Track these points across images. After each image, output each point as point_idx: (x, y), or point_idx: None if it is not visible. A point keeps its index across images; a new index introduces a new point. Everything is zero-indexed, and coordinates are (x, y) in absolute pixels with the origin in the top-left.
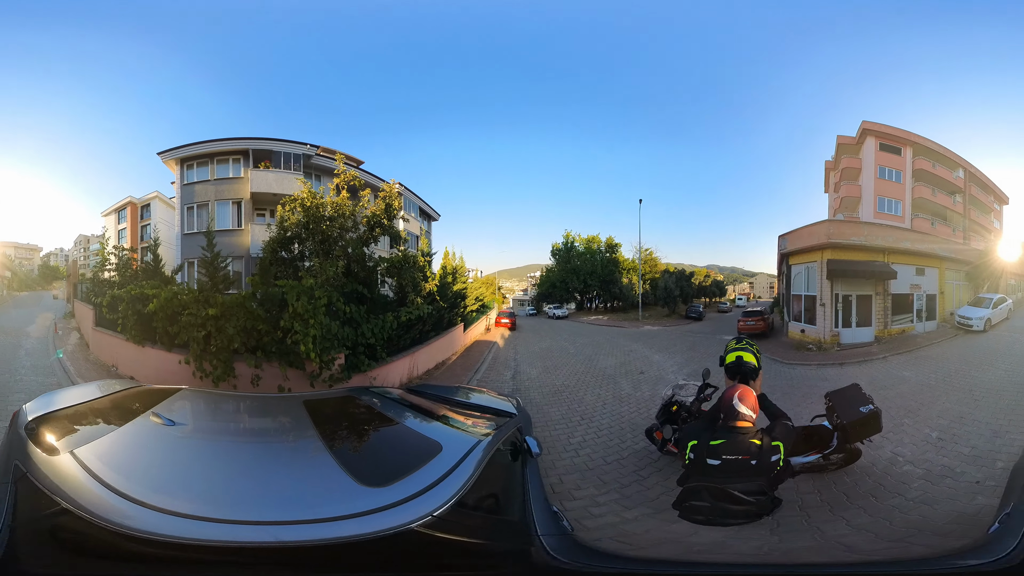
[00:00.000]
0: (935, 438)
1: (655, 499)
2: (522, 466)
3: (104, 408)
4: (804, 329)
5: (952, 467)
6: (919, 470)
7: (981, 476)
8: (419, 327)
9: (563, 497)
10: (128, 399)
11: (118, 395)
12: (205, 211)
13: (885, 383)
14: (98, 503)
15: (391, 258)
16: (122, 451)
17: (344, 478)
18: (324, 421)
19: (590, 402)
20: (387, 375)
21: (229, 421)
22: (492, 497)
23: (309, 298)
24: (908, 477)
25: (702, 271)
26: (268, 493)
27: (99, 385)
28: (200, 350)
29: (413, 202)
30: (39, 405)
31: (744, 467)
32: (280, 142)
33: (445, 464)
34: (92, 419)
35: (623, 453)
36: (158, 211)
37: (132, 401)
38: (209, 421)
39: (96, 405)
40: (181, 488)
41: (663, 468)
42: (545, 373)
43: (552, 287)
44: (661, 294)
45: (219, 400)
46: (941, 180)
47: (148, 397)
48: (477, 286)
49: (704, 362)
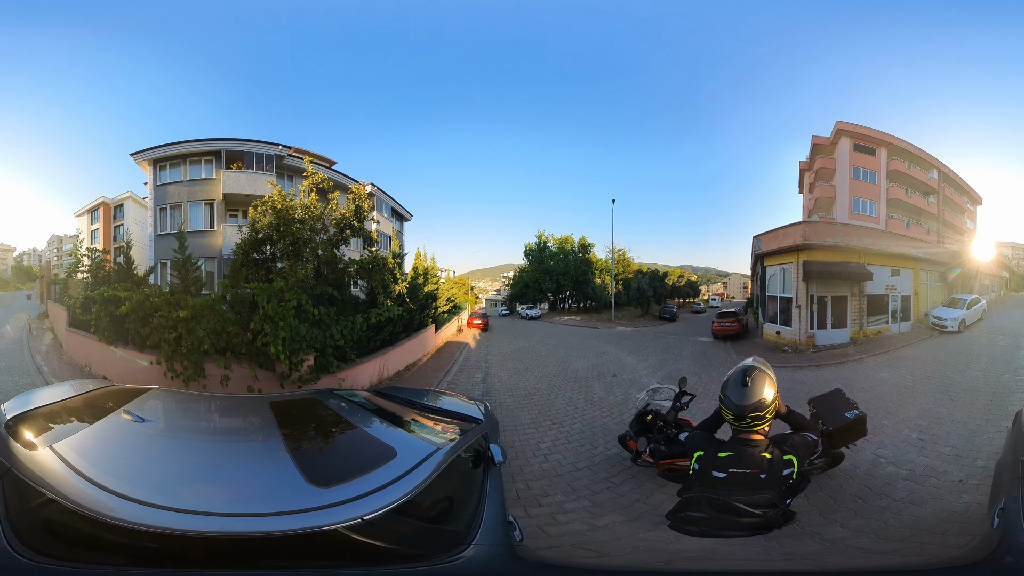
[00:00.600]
0: (915, 439)
1: (628, 506)
2: (483, 473)
3: (78, 406)
4: (779, 331)
5: (934, 467)
6: (902, 471)
7: (964, 475)
8: (389, 329)
9: (528, 504)
10: (101, 398)
11: (91, 394)
12: (178, 212)
13: (863, 385)
14: (78, 493)
15: (361, 260)
16: (96, 445)
17: (296, 477)
18: (287, 422)
19: (561, 406)
20: (357, 377)
21: (196, 419)
22: (440, 504)
23: (279, 300)
24: (892, 478)
25: (676, 271)
26: (227, 487)
27: (73, 384)
28: (171, 351)
29: (385, 202)
30: (17, 404)
31: (753, 480)
32: (252, 143)
33: (396, 470)
34: (67, 417)
35: (595, 459)
36: (131, 211)
37: (105, 400)
38: (177, 419)
39: (71, 404)
40: (149, 480)
41: (636, 475)
42: (516, 376)
43: (525, 287)
44: (634, 294)
45: (187, 399)
46: (915, 181)
47: (120, 396)
48: (449, 287)
49: (678, 365)
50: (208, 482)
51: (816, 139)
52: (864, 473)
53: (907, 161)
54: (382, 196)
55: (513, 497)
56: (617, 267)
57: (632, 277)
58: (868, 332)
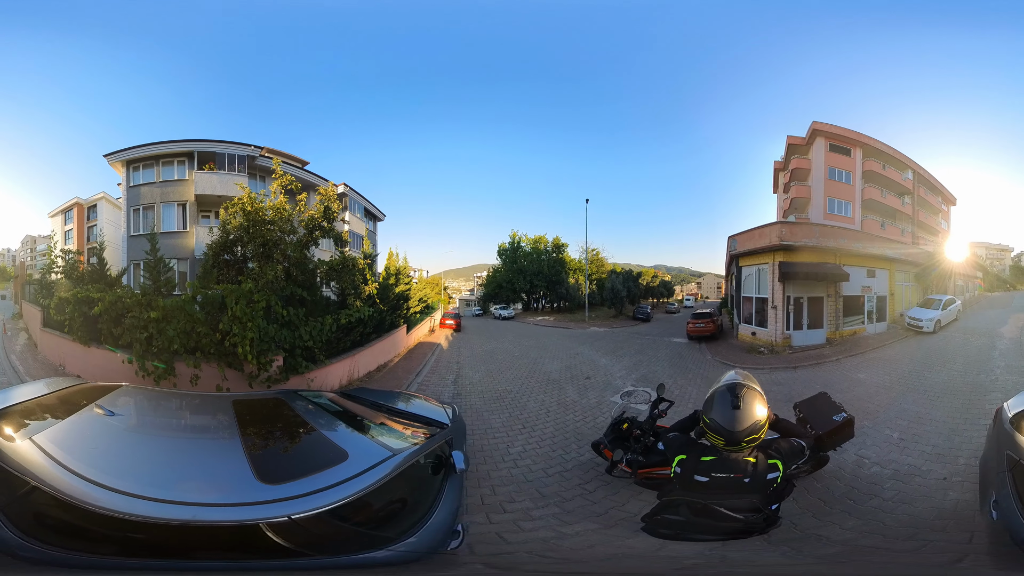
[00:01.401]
0: (897, 438)
1: (603, 514)
2: (443, 480)
3: (53, 402)
4: (755, 332)
5: (918, 466)
6: (887, 471)
7: (947, 473)
8: (359, 329)
9: (492, 510)
10: (75, 394)
11: (65, 391)
12: (151, 213)
13: (841, 386)
14: (57, 481)
15: (331, 261)
16: (72, 437)
17: (247, 472)
18: (248, 420)
19: (533, 409)
20: (326, 377)
21: (162, 414)
22: (391, 508)
23: (248, 302)
24: (878, 478)
25: (650, 271)
26: (183, 478)
27: (47, 382)
28: (142, 350)
29: (358, 202)
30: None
31: (736, 484)
32: (224, 143)
33: (344, 473)
34: (43, 412)
35: (567, 465)
36: (104, 212)
37: (78, 396)
38: (144, 414)
39: (46, 400)
40: (117, 468)
41: (611, 482)
42: (488, 377)
43: (499, 287)
44: (608, 295)
45: (155, 396)
46: (890, 181)
47: (92, 392)
48: (421, 287)
49: (653, 367)
50: (167, 472)
51: (791, 139)
52: (849, 474)
53: (882, 162)
54: (355, 196)
55: (477, 503)
56: (591, 267)
57: (606, 277)
58: (844, 333)
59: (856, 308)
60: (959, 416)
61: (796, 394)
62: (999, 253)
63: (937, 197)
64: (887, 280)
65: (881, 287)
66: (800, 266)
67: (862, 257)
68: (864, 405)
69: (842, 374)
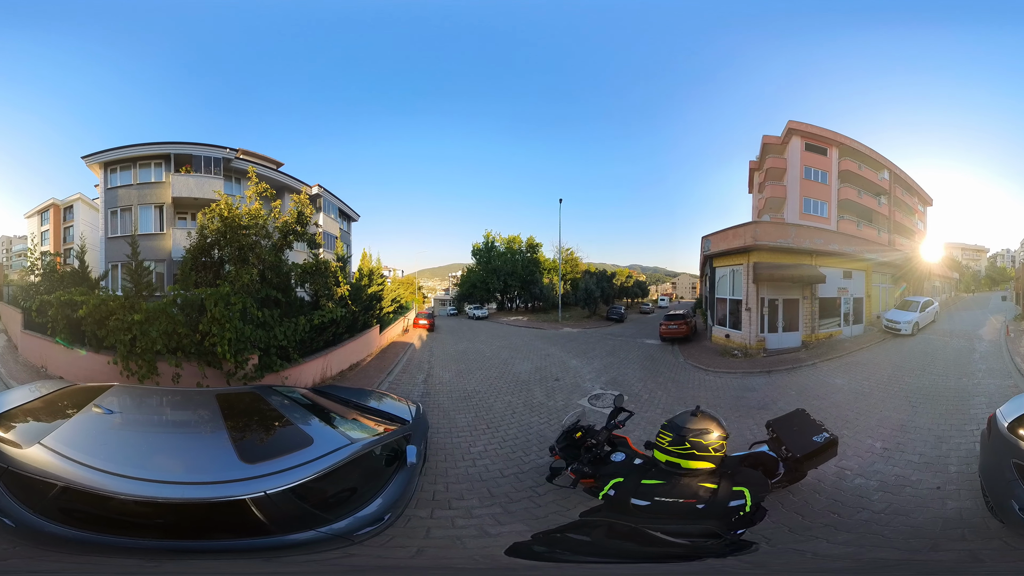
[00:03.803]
0: (880, 448)
1: (543, 518)
2: (394, 472)
3: (47, 405)
4: (729, 334)
5: (906, 476)
6: (872, 482)
7: (940, 482)
8: (332, 330)
9: (439, 506)
10: (65, 396)
11: (55, 394)
12: (129, 215)
13: (817, 392)
14: (82, 477)
15: (304, 264)
16: (80, 436)
17: (231, 454)
18: (230, 412)
19: (499, 410)
20: (300, 375)
21: (155, 409)
22: (342, 493)
23: (225, 304)
24: (864, 490)
25: (624, 271)
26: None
27: (35, 386)
28: (126, 352)
29: (332, 203)
30: None
31: (686, 510)
32: (200, 146)
33: (309, 455)
34: (40, 416)
35: (523, 467)
36: (81, 213)
37: (70, 397)
38: (140, 409)
39: (39, 404)
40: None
41: (564, 487)
42: (458, 377)
43: (473, 287)
44: (582, 295)
45: (147, 393)
46: (867, 182)
47: (83, 394)
48: (395, 287)
49: (623, 369)
50: (168, 458)
51: (767, 138)
52: (830, 487)
53: (859, 161)
54: (329, 197)
55: (428, 498)
56: (565, 267)
57: (580, 277)
58: (820, 335)
59: (832, 310)
60: (944, 423)
61: (770, 400)
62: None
63: (913, 198)
64: (864, 282)
65: (858, 289)
66: (775, 267)
67: (839, 258)
68: (842, 413)
69: (819, 379)
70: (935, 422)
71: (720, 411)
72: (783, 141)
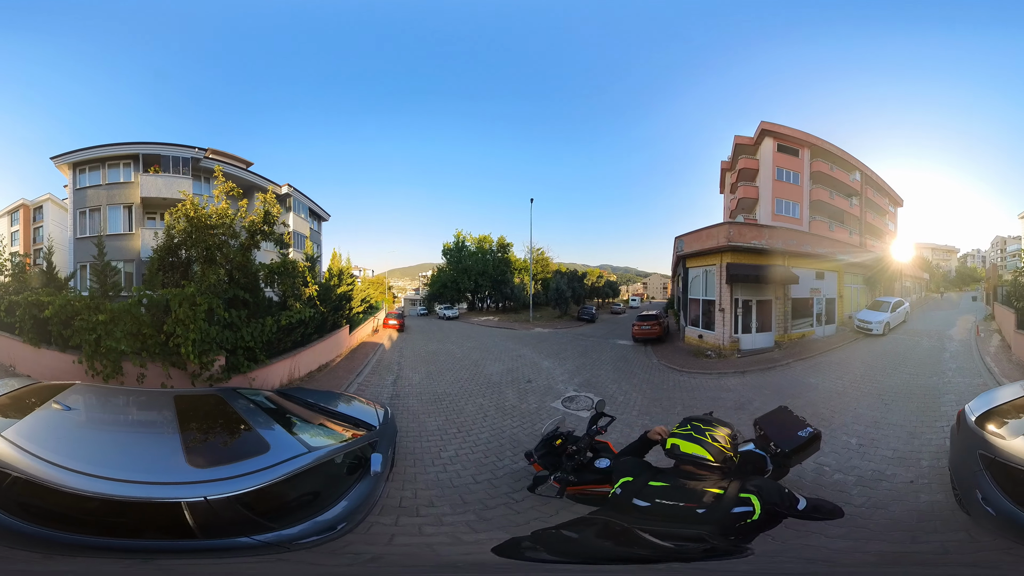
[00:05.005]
0: (855, 444)
1: (524, 523)
2: (356, 480)
3: (13, 401)
4: (702, 335)
5: (882, 471)
6: (851, 477)
7: (912, 476)
8: (301, 330)
9: (406, 513)
10: (30, 393)
11: (21, 391)
12: (98, 215)
13: (792, 391)
14: (34, 469)
15: (271, 264)
16: (37, 431)
17: (179, 458)
18: (186, 414)
19: (471, 413)
20: (267, 376)
21: (112, 408)
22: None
23: (190, 305)
24: (844, 485)
25: (595, 271)
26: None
27: (3, 383)
28: (91, 351)
29: (303, 203)
30: None
31: (685, 514)
32: (169, 146)
33: (263, 463)
34: (8, 410)
35: (497, 472)
36: (51, 213)
37: (34, 395)
38: (97, 408)
39: (6, 400)
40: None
41: (548, 497)
42: (428, 379)
43: (443, 287)
44: (553, 295)
45: (106, 392)
46: (838, 182)
47: (46, 391)
48: (365, 287)
49: (597, 371)
50: (117, 456)
51: (739, 139)
52: (811, 483)
53: (830, 163)
54: (299, 196)
55: (395, 504)
56: (536, 267)
57: (551, 277)
58: (793, 335)
59: (805, 311)
60: (916, 419)
61: (747, 400)
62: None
63: (884, 198)
64: (836, 282)
65: (830, 289)
66: (749, 268)
67: (811, 259)
68: (818, 411)
69: (793, 379)
70: (907, 419)
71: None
72: (755, 142)
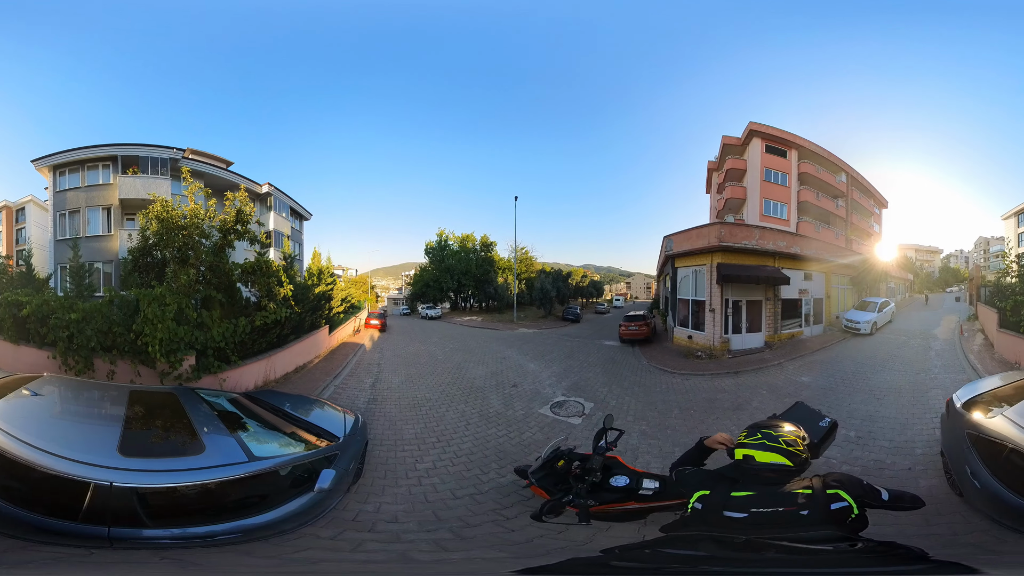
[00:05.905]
0: (854, 437)
1: (522, 543)
2: (296, 495)
3: None
4: (692, 335)
5: (882, 460)
6: (856, 468)
7: (910, 463)
8: (276, 331)
9: (358, 527)
10: (9, 383)
11: None
12: (77, 217)
13: (787, 391)
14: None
15: (245, 264)
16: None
17: (113, 445)
18: (137, 408)
19: (452, 420)
20: (240, 378)
21: (73, 397)
22: (215, 504)
23: (159, 304)
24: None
25: (579, 271)
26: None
27: None
28: (64, 348)
29: (284, 202)
30: None
31: (789, 519)
32: (148, 147)
33: (192, 464)
34: None
35: (482, 486)
36: (33, 214)
37: (12, 384)
38: (60, 396)
39: None
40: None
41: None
42: (408, 383)
43: (426, 286)
44: (537, 295)
45: (71, 383)
46: (825, 184)
47: (22, 381)
48: (346, 286)
49: (584, 373)
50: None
51: (726, 139)
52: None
53: (817, 164)
54: (280, 195)
55: (348, 518)
56: (520, 266)
57: (535, 277)
58: (783, 336)
59: (794, 311)
60: (907, 412)
61: (744, 401)
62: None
63: (870, 200)
64: (824, 283)
65: (818, 290)
66: (740, 268)
67: (800, 260)
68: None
69: (786, 378)
70: (899, 412)
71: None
72: (743, 142)
